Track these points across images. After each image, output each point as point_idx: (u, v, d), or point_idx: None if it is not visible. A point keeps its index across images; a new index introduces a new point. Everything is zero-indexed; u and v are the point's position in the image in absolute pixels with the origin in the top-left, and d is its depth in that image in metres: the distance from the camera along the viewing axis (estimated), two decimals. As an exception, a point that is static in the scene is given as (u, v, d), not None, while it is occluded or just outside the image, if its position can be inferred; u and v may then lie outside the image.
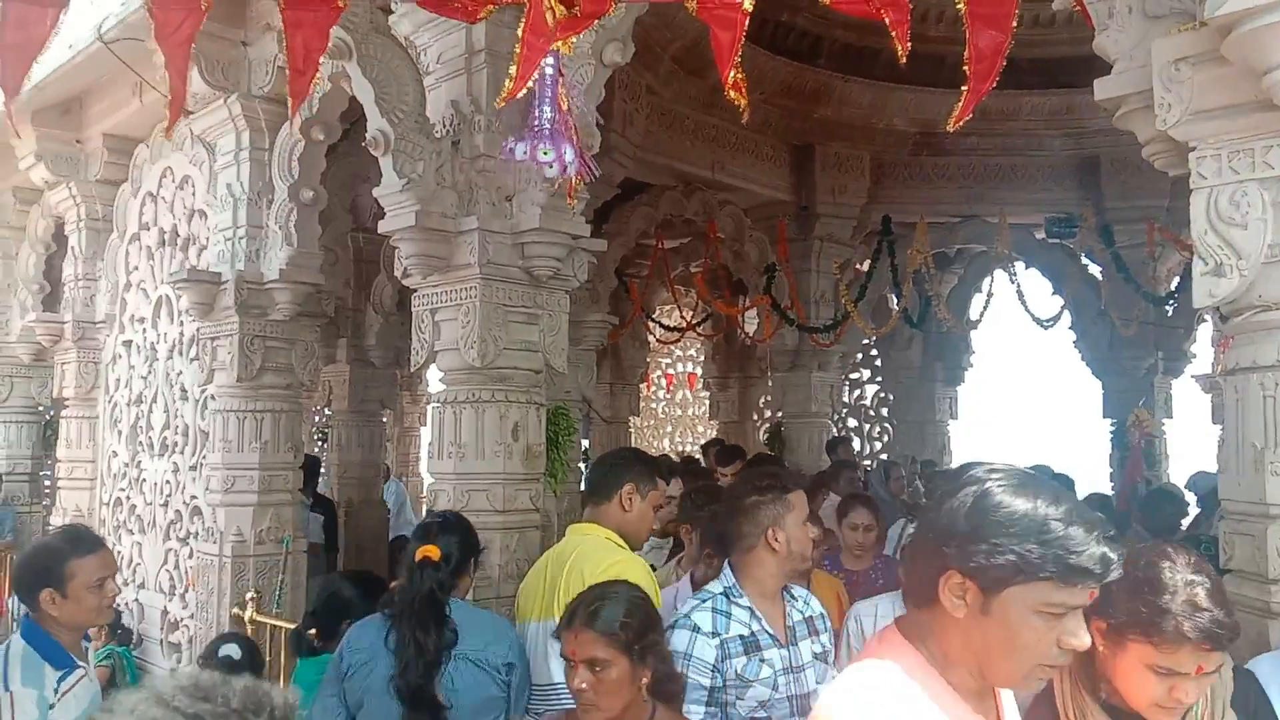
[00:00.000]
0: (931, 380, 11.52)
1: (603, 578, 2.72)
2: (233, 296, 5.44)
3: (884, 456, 11.61)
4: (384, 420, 10.63)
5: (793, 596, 2.85)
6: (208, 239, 5.86)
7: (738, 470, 6.37)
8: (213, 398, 5.71)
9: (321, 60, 3.80)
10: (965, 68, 3.15)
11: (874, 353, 11.98)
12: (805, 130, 9.11)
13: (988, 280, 10.03)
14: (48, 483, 9.70)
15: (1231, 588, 2.51)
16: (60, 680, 2.70)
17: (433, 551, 2.92)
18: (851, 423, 12.12)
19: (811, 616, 2.87)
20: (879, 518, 4.90)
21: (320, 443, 11.94)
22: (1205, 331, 9.77)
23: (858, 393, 12.25)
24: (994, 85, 3.17)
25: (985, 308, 9.93)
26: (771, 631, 2.72)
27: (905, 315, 9.57)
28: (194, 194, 6.05)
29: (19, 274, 8.45)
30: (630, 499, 3.14)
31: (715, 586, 2.80)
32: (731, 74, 3.08)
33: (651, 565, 3.66)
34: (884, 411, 12.11)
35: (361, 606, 3.39)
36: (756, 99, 7.25)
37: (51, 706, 2.64)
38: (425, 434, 13.33)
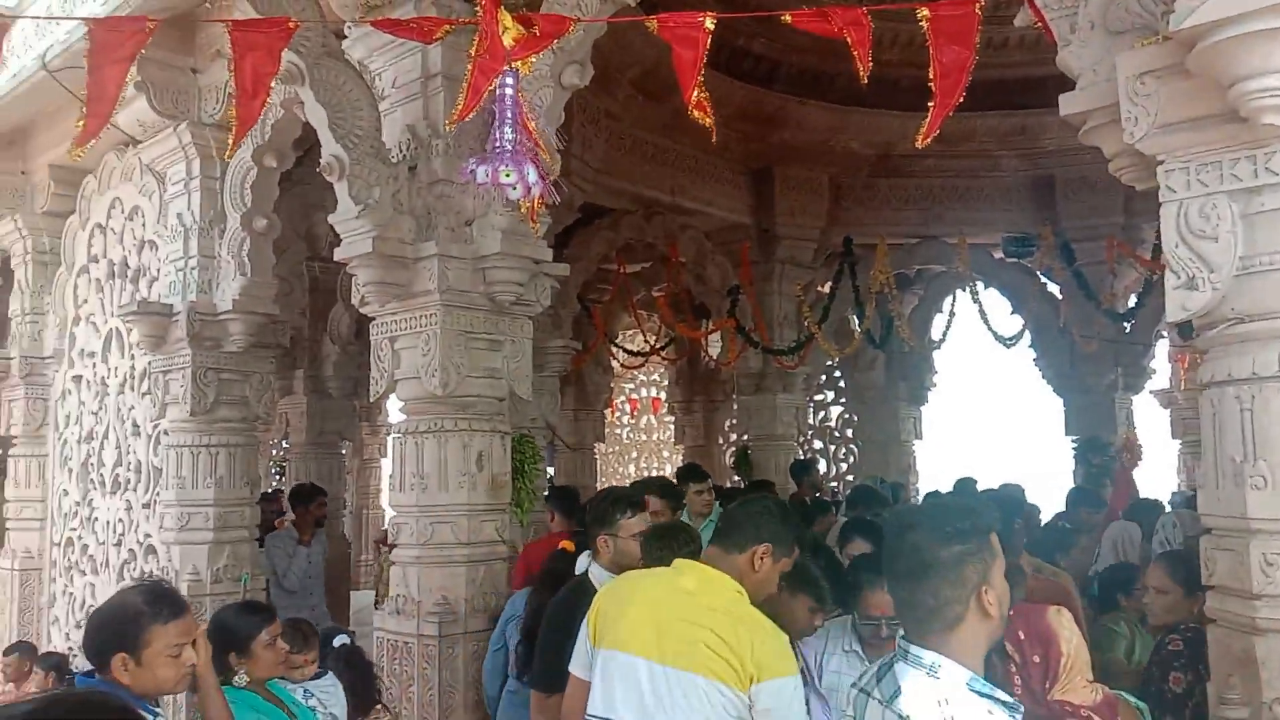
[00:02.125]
0: (895, 400, 11.55)
1: (766, 657, 2.50)
2: (185, 328, 5.31)
3: (850, 478, 11.60)
4: (343, 452, 10.45)
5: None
6: (158, 270, 5.73)
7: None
8: (165, 433, 5.56)
9: (272, 85, 3.71)
10: (930, 84, 3.13)
11: (838, 374, 11.99)
12: (764, 153, 9.14)
13: (948, 300, 10.10)
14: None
15: (1214, 603, 2.48)
16: None
17: (569, 545, 4.03)
18: (817, 444, 12.11)
19: None
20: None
21: (278, 476, 11.71)
22: (1164, 347, 9.90)
23: (822, 414, 12.24)
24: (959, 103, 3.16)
25: (948, 327, 9.99)
26: None
27: (868, 336, 9.59)
28: (144, 224, 5.91)
29: (-37, 310, 8.22)
30: (762, 560, 2.73)
31: (948, 689, 1.83)
32: (695, 93, 3.04)
33: None
34: (849, 433, 12.12)
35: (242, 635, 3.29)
36: (715, 122, 7.22)
37: None
38: (386, 465, 13.13)
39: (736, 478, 10.84)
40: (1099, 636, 4.06)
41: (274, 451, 12.30)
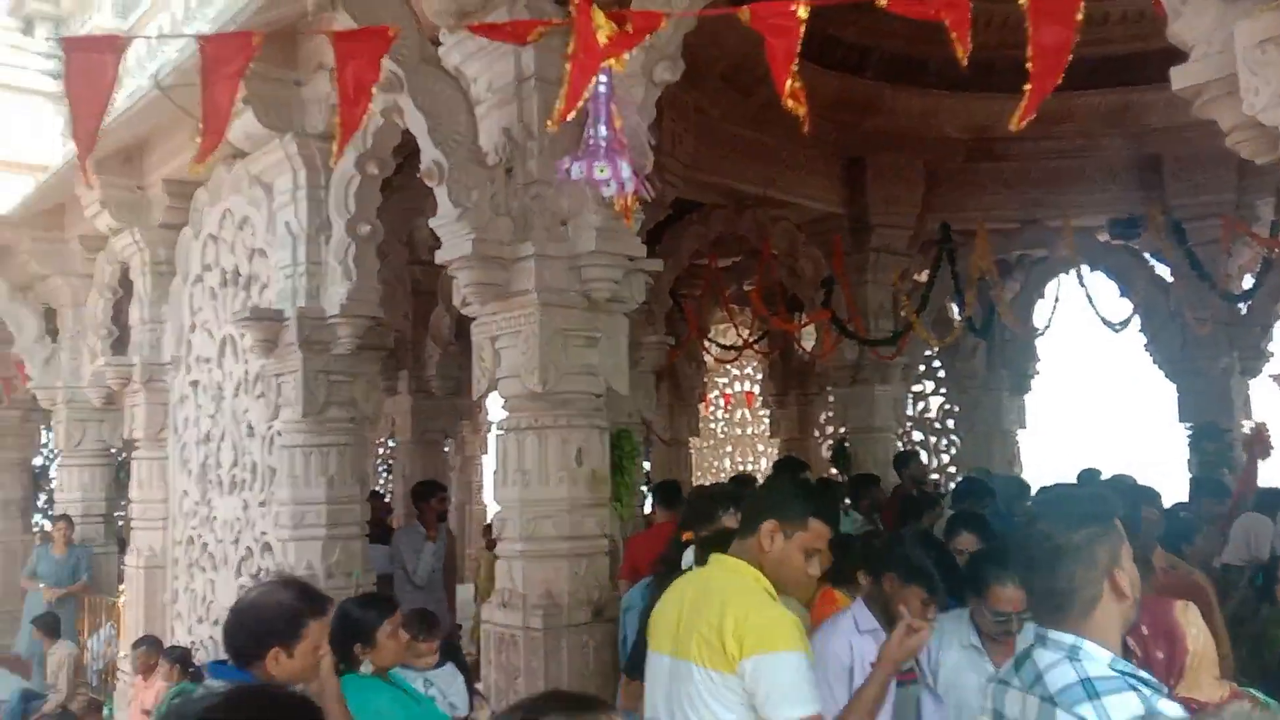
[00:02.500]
0: (997, 389, 11.26)
1: (748, 633, 2.44)
2: (295, 333, 5.48)
3: (952, 470, 11.38)
4: (446, 450, 10.67)
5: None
6: (269, 277, 5.92)
7: None
8: (279, 434, 5.74)
9: (374, 93, 3.81)
10: (1028, 65, 3.05)
11: (937, 364, 11.76)
12: (856, 142, 9.00)
13: (1051, 285, 9.81)
14: (121, 524, 9.87)
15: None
16: None
17: (688, 535, 3.90)
18: (917, 436, 11.90)
19: None
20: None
21: (385, 474, 12.02)
22: (1281, 329, 9.46)
23: (922, 405, 12.02)
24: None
25: (1053, 313, 9.70)
26: None
27: (969, 324, 9.36)
28: (254, 234, 6.12)
29: (88, 320, 8.63)
30: (771, 538, 2.62)
31: (1092, 670, 1.82)
32: (789, 83, 3.02)
33: None
34: (950, 423, 11.87)
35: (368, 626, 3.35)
36: (807, 112, 7.12)
37: None
38: (488, 462, 13.37)
39: (834, 470, 10.73)
40: (1268, 629, 3.93)
41: (381, 450, 12.63)
